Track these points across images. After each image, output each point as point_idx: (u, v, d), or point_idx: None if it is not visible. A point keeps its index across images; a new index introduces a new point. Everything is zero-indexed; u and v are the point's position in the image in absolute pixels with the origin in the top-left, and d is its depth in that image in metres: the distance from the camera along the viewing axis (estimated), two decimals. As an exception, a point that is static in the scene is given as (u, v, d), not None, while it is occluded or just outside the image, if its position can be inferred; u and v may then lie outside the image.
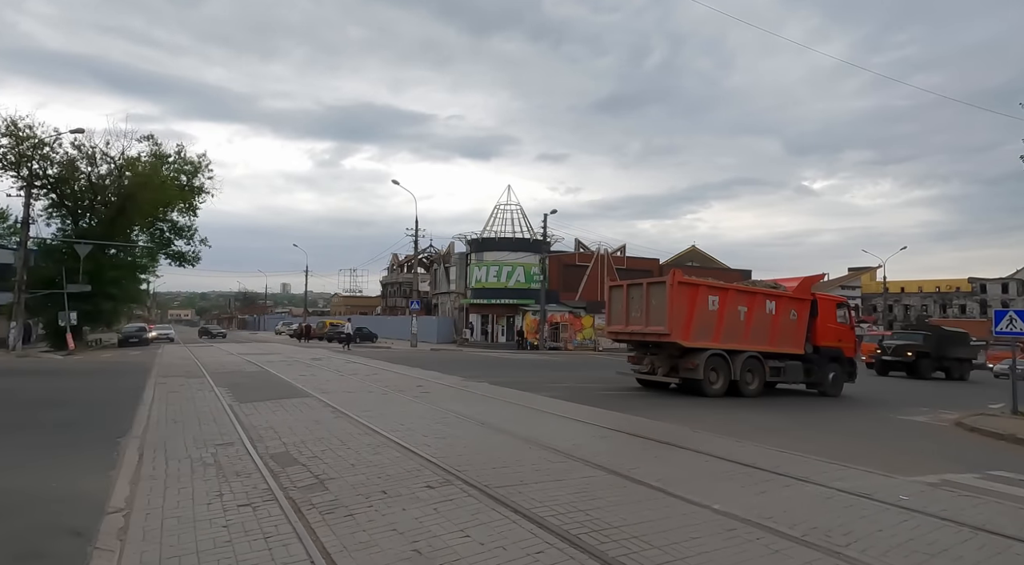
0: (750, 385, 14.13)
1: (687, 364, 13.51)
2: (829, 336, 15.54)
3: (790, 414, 12.28)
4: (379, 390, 12.62)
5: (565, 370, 22.88)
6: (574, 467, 6.35)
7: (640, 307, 13.85)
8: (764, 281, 17.44)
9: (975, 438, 10.54)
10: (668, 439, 7.95)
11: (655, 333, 13.45)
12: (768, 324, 14.42)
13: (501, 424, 8.79)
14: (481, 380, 15.69)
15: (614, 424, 9.06)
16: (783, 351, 14.62)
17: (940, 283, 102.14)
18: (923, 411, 14.13)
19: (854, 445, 8.93)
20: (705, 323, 13.42)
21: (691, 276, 15.09)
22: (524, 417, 9.67)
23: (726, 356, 13.71)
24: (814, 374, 15.27)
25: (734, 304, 14.07)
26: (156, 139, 38.40)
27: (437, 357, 28.14)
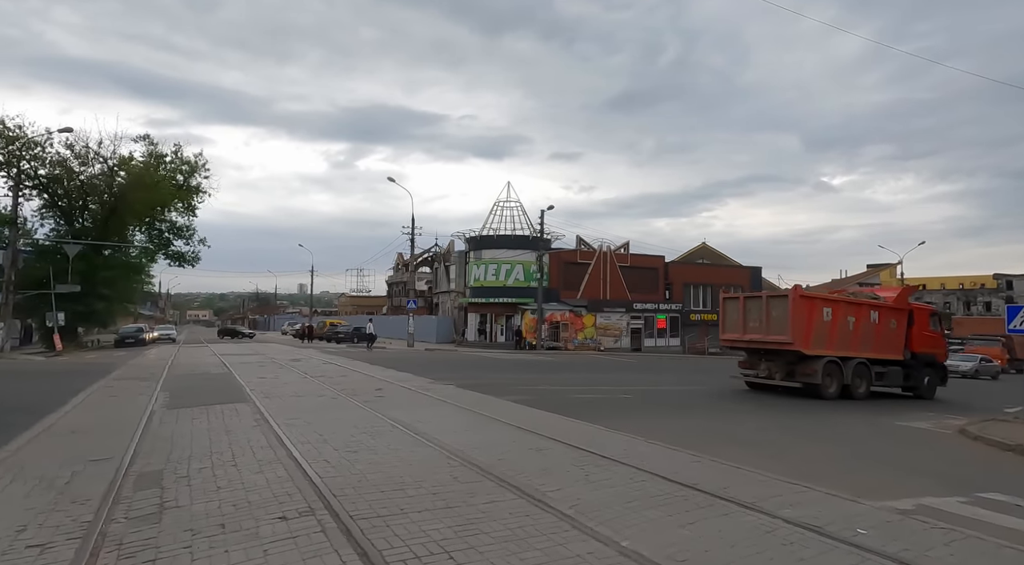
0: (859, 388, 15.16)
1: (805, 370, 14.60)
2: (924, 343, 16.60)
3: (781, 421, 11.27)
4: (331, 395, 11.83)
5: (556, 371, 21.96)
6: (482, 489, 5.47)
7: (759, 318, 14.95)
8: (864, 292, 18.68)
9: (977, 448, 9.48)
10: (612, 453, 7.02)
11: (777, 342, 14.57)
12: (872, 333, 15.65)
13: (435, 434, 7.93)
14: (450, 382, 14.85)
15: (562, 434, 8.15)
16: (885, 357, 15.79)
17: (963, 280, 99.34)
18: (929, 416, 13.13)
19: (833, 458, 7.93)
20: (821, 332, 14.58)
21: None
22: (466, 425, 8.80)
23: (839, 362, 14.86)
24: (912, 379, 16.35)
25: (844, 315, 15.19)
26: (152, 139, 38.25)
27: (425, 358, 27.37)
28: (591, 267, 43.19)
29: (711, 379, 20.82)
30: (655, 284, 45.99)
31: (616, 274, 43.98)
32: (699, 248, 75.10)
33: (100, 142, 32.79)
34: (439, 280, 51.30)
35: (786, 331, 14.18)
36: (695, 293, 48.39)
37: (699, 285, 48.68)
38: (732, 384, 17.17)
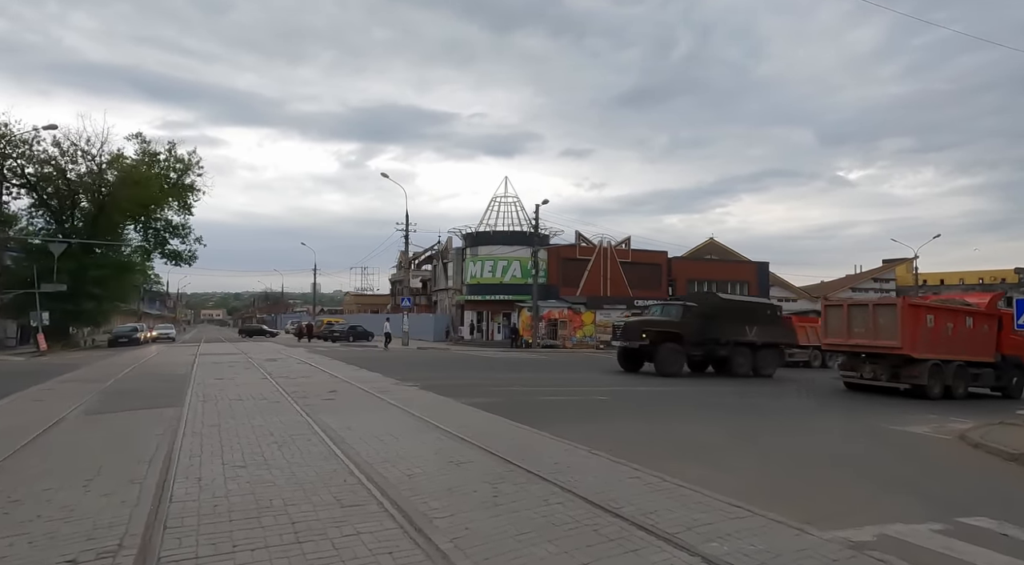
0: (958, 389, 15.85)
1: (911, 372, 15.32)
2: (1012, 346, 17.13)
3: (765, 425, 10.37)
4: (275, 398, 11.05)
5: (541, 371, 21.10)
6: (359, 515, 4.64)
7: (865, 324, 15.82)
8: (955, 298, 19.40)
9: (975, 458, 8.48)
10: (541, 467, 6.16)
11: (886, 346, 15.32)
12: (968, 337, 16.48)
13: (355, 443, 7.13)
14: (417, 383, 14.06)
15: (498, 443, 7.29)
16: (979, 360, 16.57)
17: (983, 274, 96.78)
18: (931, 419, 12.11)
19: (804, 470, 6.99)
20: (925, 337, 15.35)
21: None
22: (397, 433, 7.96)
23: (941, 365, 15.61)
24: (1002, 379, 17.10)
25: (944, 321, 16.00)
26: (144, 137, 37.93)
27: (412, 357, 26.61)
28: (591, 263, 42.23)
29: (705, 378, 19.83)
30: (658, 280, 44.90)
31: (617, 270, 42.97)
32: (707, 244, 73.71)
33: (88, 140, 32.40)
34: (437, 277, 50.59)
35: (895, 337, 15.08)
36: (699, 289, 47.19)
37: (704, 281, 47.49)
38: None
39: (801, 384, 18.79)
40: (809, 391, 17.06)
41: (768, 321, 20.96)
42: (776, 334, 21.06)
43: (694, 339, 19.53)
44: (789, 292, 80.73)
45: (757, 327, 20.30)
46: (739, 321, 20.07)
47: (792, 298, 79.51)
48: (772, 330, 20.90)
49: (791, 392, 16.78)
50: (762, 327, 20.46)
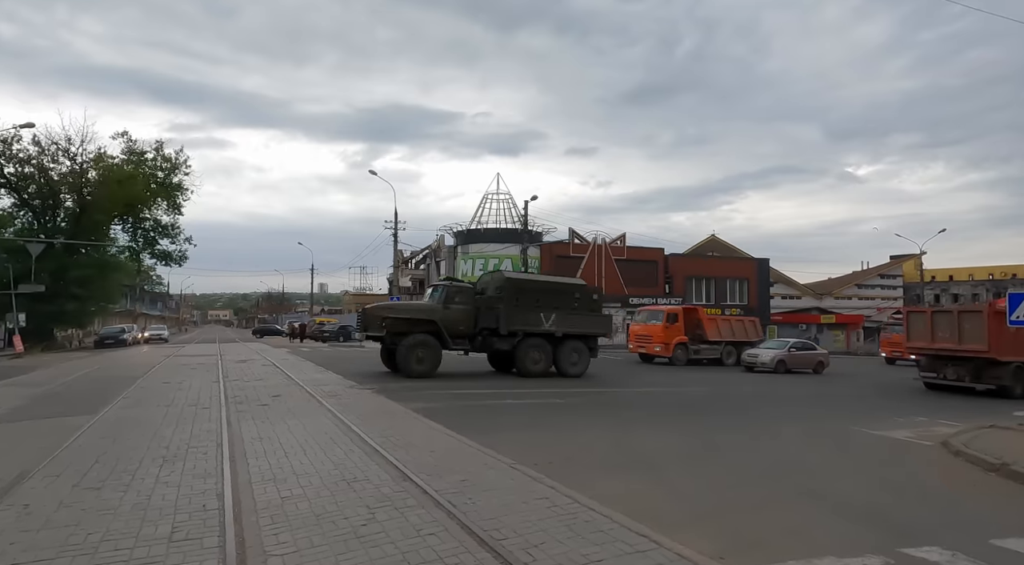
0: None
1: (994, 373, 16.05)
2: None
3: (726, 429, 9.57)
4: (207, 404, 10.37)
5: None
6: (173, 555, 3.95)
7: (949, 329, 16.50)
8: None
9: (953, 468, 7.71)
10: (440, 486, 5.44)
11: (973, 350, 15.99)
12: None
13: (253, 457, 6.48)
14: (372, 386, 13.39)
15: (410, 454, 6.59)
16: None
17: (994, 270, 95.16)
18: (919, 423, 11.37)
19: (744, 486, 6.21)
20: (1009, 341, 15.83)
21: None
22: (310, 444, 7.25)
23: (1022, 366, 16.29)
24: None
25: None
26: (130, 136, 37.49)
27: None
28: (585, 260, 41.40)
29: (691, 378, 19.03)
30: (654, 278, 44.02)
31: (612, 267, 42.14)
32: (708, 241, 72.76)
33: (69, 139, 31.96)
34: (431, 276, 49.93)
35: (982, 341, 15.73)
36: (698, 286, 46.30)
37: (702, 278, 46.59)
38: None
39: (811, 380, 17.97)
40: (815, 392, 16.28)
41: (575, 308, 17.41)
42: (585, 324, 17.54)
43: (459, 329, 16.36)
44: (793, 289, 79.60)
45: (558, 314, 16.90)
46: (532, 307, 16.72)
47: (796, 295, 78.41)
48: (580, 319, 17.39)
49: (783, 393, 15.99)
50: (566, 315, 17.05)
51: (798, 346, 24.12)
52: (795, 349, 23.62)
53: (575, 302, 17.54)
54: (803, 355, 23.66)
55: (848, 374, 24.20)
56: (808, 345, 25.11)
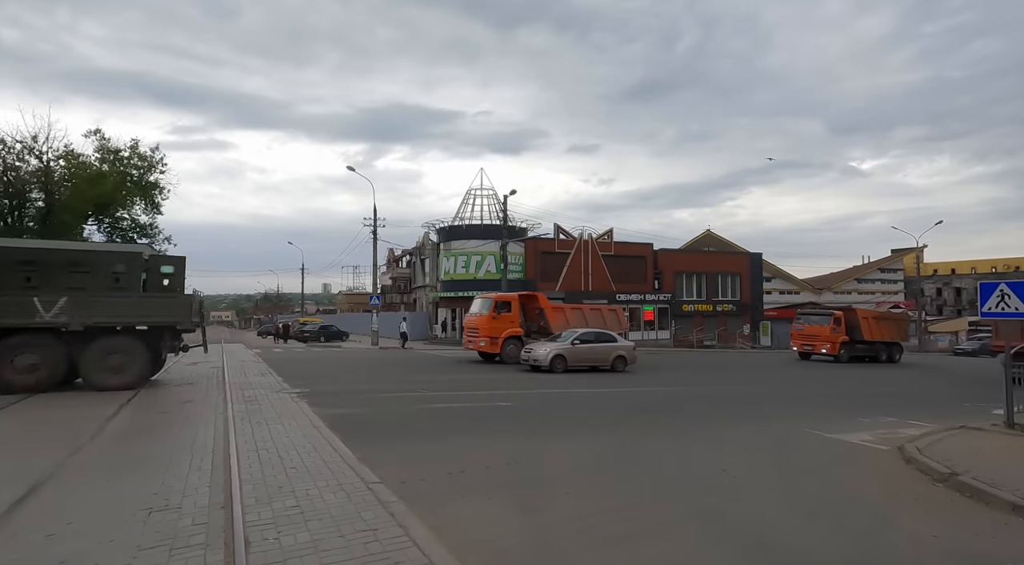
0: None
1: None
2: None
3: (673, 434, 8.66)
4: (109, 412, 9.53)
5: (475, 372, 19.44)
6: None
7: None
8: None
9: (901, 479, 6.82)
10: (254, 512, 4.56)
11: None
12: None
13: (61, 480, 5.60)
14: (304, 389, 12.52)
15: (260, 472, 5.71)
16: None
17: (996, 263, 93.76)
18: (885, 422, 10.55)
19: (631, 511, 5.29)
20: None
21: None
22: (155, 462, 6.38)
23: None
24: None
25: None
26: (103, 134, 36.67)
27: (356, 358, 25.09)
28: (571, 256, 40.46)
29: (672, 377, 18.10)
30: (642, 273, 43.07)
31: (599, 263, 41.18)
32: (704, 235, 71.78)
33: (35, 136, 31.13)
34: (416, 274, 49.12)
35: None
36: (688, 282, 45.35)
37: (692, 273, 45.62)
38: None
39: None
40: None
41: (120, 286, 12.25)
42: (134, 311, 12.11)
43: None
44: (791, 284, 78.46)
45: (74, 298, 11.57)
46: (19, 288, 11.50)
47: (794, 290, 77.25)
48: (123, 304, 12.03)
49: (752, 392, 15.02)
50: (92, 299, 11.71)
51: (588, 338, 19.67)
52: (581, 342, 19.27)
53: (115, 278, 12.22)
54: (591, 349, 19.39)
55: (846, 370, 23.22)
56: (605, 336, 20.35)
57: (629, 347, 20.48)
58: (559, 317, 22.54)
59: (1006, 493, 5.77)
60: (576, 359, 18.90)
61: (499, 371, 18.82)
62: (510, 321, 21.80)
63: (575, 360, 18.84)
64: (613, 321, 24.01)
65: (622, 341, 20.69)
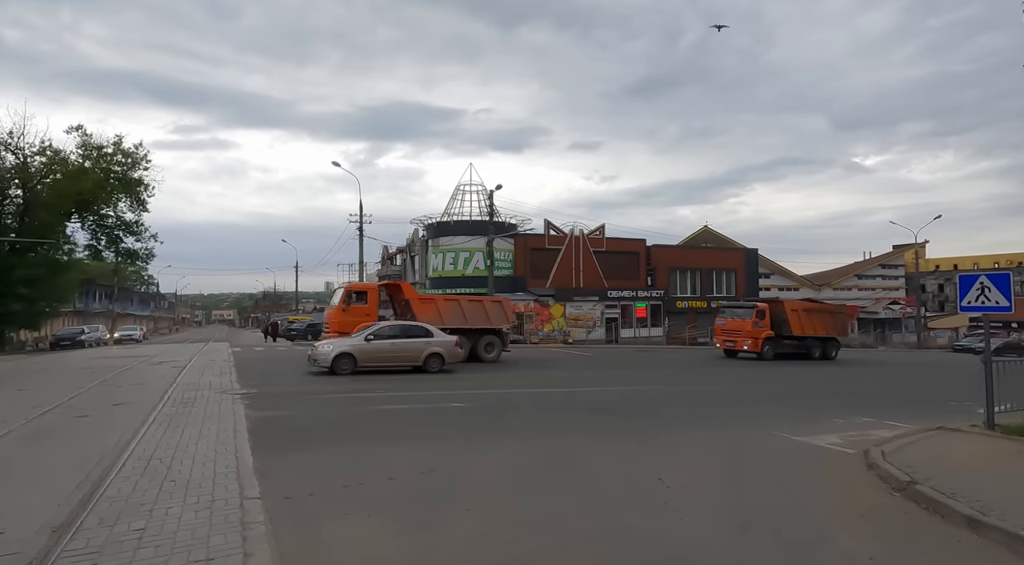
0: None
1: None
2: None
3: (632, 434, 8.05)
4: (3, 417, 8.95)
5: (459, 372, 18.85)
6: None
7: None
8: None
9: (858, 487, 6.22)
10: (81, 539, 3.97)
11: None
12: None
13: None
14: (252, 390, 11.95)
15: (125, 486, 5.12)
16: None
17: (999, 258, 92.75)
18: (862, 422, 10.02)
19: (534, 525, 4.67)
20: None
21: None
22: (18, 474, 5.81)
23: None
24: None
25: None
26: (85, 130, 36.18)
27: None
28: (561, 253, 39.79)
29: (651, 375, 17.48)
30: (635, 270, 42.38)
31: (590, 260, 40.51)
32: (701, 231, 70.99)
33: (10, 132, 30.69)
34: (406, 271, 48.52)
35: None
36: (682, 278, 44.64)
37: (686, 270, 44.89)
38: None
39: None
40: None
41: None
42: None
43: None
44: (790, 280, 77.62)
45: None
46: None
47: (793, 287, 76.41)
48: None
49: (721, 392, 14.37)
50: None
51: (388, 332, 16.21)
52: (377, 337, 15.77)
53: None
54: (393, 346, 15.86)
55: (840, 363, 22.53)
56: (415, 330, 16.70)
57: (448, 343, 16.82)
58: (428, 309, 20.08)
59: (964, 505, 5.14)
60: (370, 358, 15.47)
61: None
62: (365, 314, 19.17)
63: (369, 360, 15.43)
64: (497, 314, 21.36)
65: (441, 337, 16.87)
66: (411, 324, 17.46)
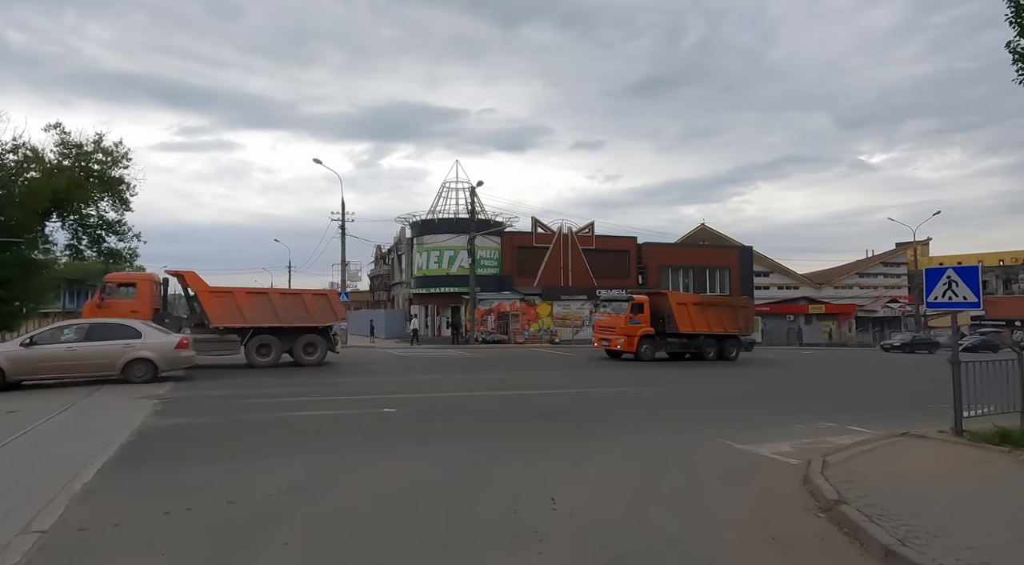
0: None
1: None
2: None
3: (573, 441, 7.28)
4: None
5: (401, 373, 18.13)
6: None
7: None
8: None
9: (782, 506, 5.45)
10: None
11: None
12: None
13: None
14: (183, 393, 11.25)
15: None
16: None
17: (1004, 255, 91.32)
18: (824, 427, 9.29)
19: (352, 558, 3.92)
20: None
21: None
22: None
23: None
24: None
25: None
26: (63, 127, 35.62)
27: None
28: (549, 251, 39.01)
29: (620, 377, 16.65)
30: (625, 268, 41.54)
31: (579, 258, 39.70)
32: (698, 230, 70.19)
33: (-19, 130, 30.05)
34: (394, 271, 47.85)
35: None
36: (675, 276, 43.74)
37: (679, 268, 44.00)
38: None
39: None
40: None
41: None
42: None
43: None
44: (790, 279, 76.57)
45: None
46: None
47: (793, 285, 75.36)
48: None
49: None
50: None
51: (68, 334, 13.02)
52: (42, 342, 12.59)
53: None
54: (68, 352, 12.54)
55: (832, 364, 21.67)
56: (108, 330, 13.24)
57: (164, 346, 13.41)
58: (221, 304, 17.07)
59: (886, 531, 4.35)
60: (31, 369, 12.31)
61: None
62: (131, 310, 15.69)
63: (29, 371, 12.30)
64: (322, 310, 18.39)
65: (154, 338, 13.50)
66: (107, 322, 13.80)
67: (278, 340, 17.64)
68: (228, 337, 17.20)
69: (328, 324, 18.77)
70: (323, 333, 18.62)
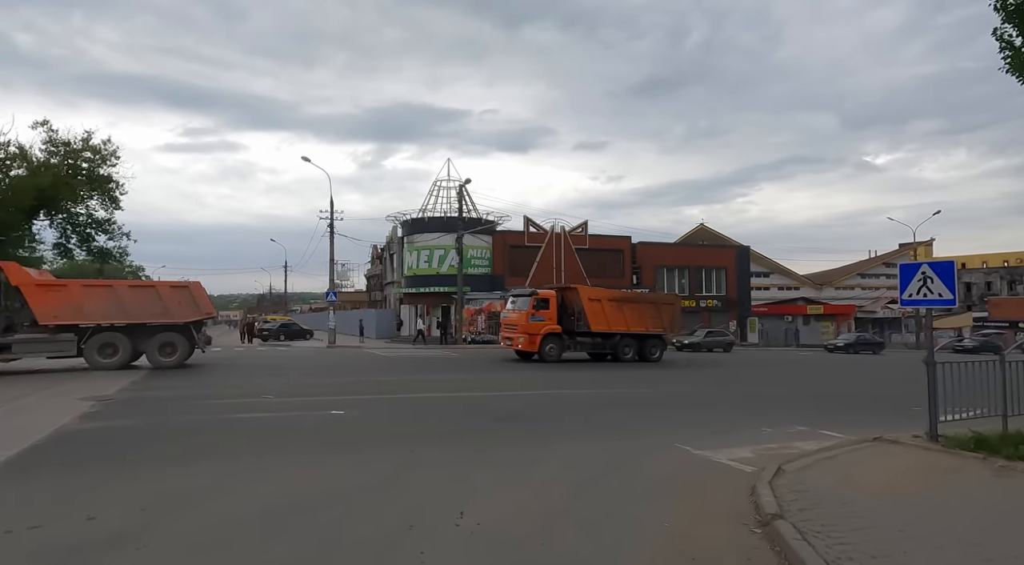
0: None
1: None
2: None
3: (519, 445, 6.78)
4: None
5: (383, 373, 17.66)
6: None
7: None
8: None
9: (726, 520, 4.88)
10: None
11: None
12: None
13: None
14: (129, 393, 10.79)
15: None
16: None
17: (1008, 256, 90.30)
18: (794, 432, 8.85)
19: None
20: None
21: None
22: None
23: None
24: None
25: None
26: (51, 125, 35.35)
27: (288, 358, 23.40)
28: (541, 251, 38.51)
29: (597, 379, 16.14)
30: (619, 268, 41.01)
31: (572, 258, 39.19)
32: (697, 229, 69.55)
33: (-35, 128, 29.75)
34: (385, 271, 47.43)
35: None
36: (669, 276, 43.22)
37: (674, 267, 43.46)
38: None
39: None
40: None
41: None
42: None
43: None
44: (791, 279, 75.80)
45: None
46: None
47: (794, 286, 74.58)
48: None
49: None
50: None
51: None
52: None
53: None
54: None
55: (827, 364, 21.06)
56: None
57: None
58: (53, 299, 15.47)
59: (813, 551, 3.83)
60: None
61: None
62: None
63: None
64: (183, 304, 16.65)
65: None
66: None
67: (127, 339, 15.97)
68: (62, 336, 15.44)
69: (189, 320, 16.72)
70: (183, 331, 16.69)
